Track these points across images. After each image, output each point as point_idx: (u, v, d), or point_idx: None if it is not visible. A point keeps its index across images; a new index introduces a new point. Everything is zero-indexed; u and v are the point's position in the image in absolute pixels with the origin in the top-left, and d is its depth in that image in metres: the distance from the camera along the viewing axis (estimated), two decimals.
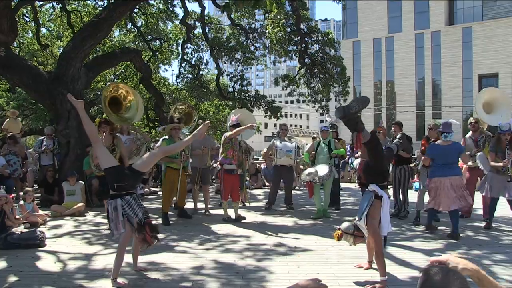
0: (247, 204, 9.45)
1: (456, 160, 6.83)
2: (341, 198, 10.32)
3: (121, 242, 4.45)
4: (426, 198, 8.13)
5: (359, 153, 9.54)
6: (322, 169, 8.31)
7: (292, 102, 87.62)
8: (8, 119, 13.19)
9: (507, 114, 7.85)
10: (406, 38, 49.96)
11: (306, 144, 18.46)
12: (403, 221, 7.85)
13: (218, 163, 8.25)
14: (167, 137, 8.07)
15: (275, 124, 63.81)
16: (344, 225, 4.74)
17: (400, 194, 8.27)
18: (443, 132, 6.74)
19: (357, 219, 4.71)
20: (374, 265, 4.88)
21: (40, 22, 16.67)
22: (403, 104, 47.00)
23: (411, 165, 8.39)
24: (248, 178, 11.26)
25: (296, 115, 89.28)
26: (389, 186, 5.63)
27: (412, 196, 8.77)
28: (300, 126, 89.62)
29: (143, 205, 4.68)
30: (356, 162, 13.85)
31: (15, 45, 17.11)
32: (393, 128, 8.41)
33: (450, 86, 46.86)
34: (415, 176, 11.96)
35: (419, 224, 7.58)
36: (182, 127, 8.29)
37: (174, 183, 7.77)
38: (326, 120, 10.12)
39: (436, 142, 6.96)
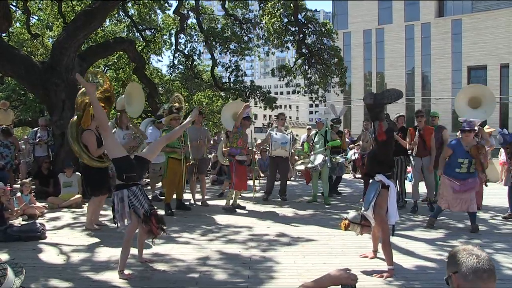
0: (257, 195, 9.41)
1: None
2: (339, 189, 10.45)
3: (128, 234, 4.40)
4: (421, 188, 8.29)
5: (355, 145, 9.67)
6: (317, 159, 8.67)
7: (282, 93, 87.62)
8: None
9: (490, 111, 7.83)
10: (396, 30, 50.14)
11: (297, 135, 18.51)
12: (402, 211, 7.86)
13: (226, 153, 8.22)
14: (165, 128, 7.99)
15: (265, 115, 63.79)
16: (351, 215, 4.74)
17: (397, 185, 8.31)
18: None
19: (363, 209, 4.72)
20: (379, 255, 4.92)
21: (30, 11, 16.34)
22: None
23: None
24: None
25: (286, 106, 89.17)
26: None
27: (408, 186, 8.81)
28: (290, 117, 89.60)
29: (148, 196, 4.63)
30: (350, 153, 13.97)
31: (4, 35, 16.79)
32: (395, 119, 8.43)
33: (440, 77, 47.21)
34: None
35: (416, 213, 7.77)
36: (181, 117, 8.21)
37: (176, 174, 7.71)
38: (336, 114, 10.13)
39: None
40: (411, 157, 8.30)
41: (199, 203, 8.67)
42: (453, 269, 1.81)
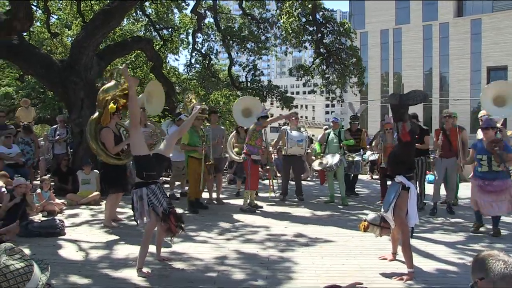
0: (273, 194, 9.41)
1: None
2: (356, 190, 10.38)
3: (146, 232, 4.41)
4: (442, 190, 8.16)
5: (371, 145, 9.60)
6: (333, 158, 8.66)
7: (298, 93, 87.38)
8: (20, 108, 13.20)
9: None
10: (414, 30, 49.53)
11: (313, 135, 18.40)
12: (421, 213, 7.70)
13: (244, 152, 8.19)
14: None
15: (280, 115, 63.62)
16: (370, 216, 4.68)
17: (417, 186, 8.21)
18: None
19: (383, 210, 4.66)
20: (398, 257, 4.86)
21: (50, 10, 16.55)
22: None
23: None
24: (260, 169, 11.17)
25: (302, 106, 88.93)
26: None
27: (428, 188, 8.69)
28: (306, 117, 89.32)
29: (167, 194, 4.63)
30: (368, 153, 13.82)
31: (25, 34, 17.03)
32: None
33: (458, 78, 46.51)
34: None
35: (435, 215, 7.66)
36: (204, 116, 8.22)
37: (196, 172, 7.72)
38: (354, 111, 10.02)
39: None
40: (436, 158, 8.20)
41: (215, 202, 8.69)
42: (479, 275, 1.76)
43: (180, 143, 8.07)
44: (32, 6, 16.50)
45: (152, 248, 4.69)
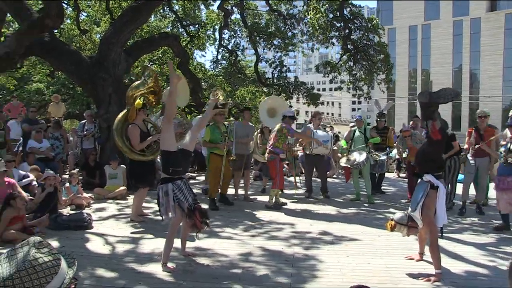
0: (300, 191, 9.39)
1: None
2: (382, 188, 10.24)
3: (171, 227, 4.43)
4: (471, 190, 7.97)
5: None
6: (360, 156, 8.59)
7: (324, 90, 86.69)
8: (51, 103, 13.57)
9: None
10: (444, 26, 48.46)
11: (339, 132, 18.22)
12: (449, 213, 7.52)
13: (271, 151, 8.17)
14: (210, 123, 8.05)
15: (306, 112, 63.35)
16: (398, 215, 4.59)
17: (449, 184, 8.05)
18: None
19: (410, 209, 4.56)
20: (425, 257, 4.75)
21: (79, 8, 16.85)
22: None
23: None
24: (286, 166, 11.11)
25: (328, 103, 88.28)
26: None
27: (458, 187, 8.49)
28: (332, 114, 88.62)
29: (193, 190, 4.65)
30: (395, 151, 13.60)
31: (56, 31, 17.40)
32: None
33: (490, 75, 45.32)
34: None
35: (464, 215, 7.47)
36: (225, 112, 8.23)
37: (218, 169, 7.75)
38: (380, 108, 9.87)
39: None
40: (468, 157, 8.01)
41: (235, 198, 8.71)
42: None
43: (202, 139, 8.10)
44: (64, 4, 16.93)
45: (177, 243, 4.72)
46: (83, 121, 11.27)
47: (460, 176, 11.49)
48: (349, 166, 8.74)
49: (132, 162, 6.83)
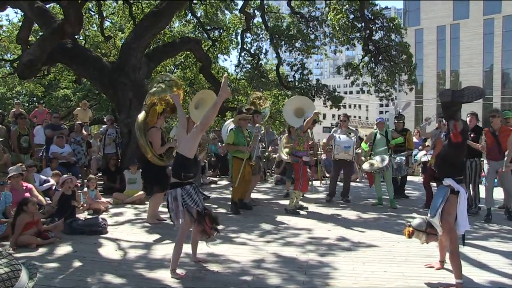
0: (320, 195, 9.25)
1: None
2: (405, 191, 9.93)
3: (180, 233, 4.36)
4: (495, 194, 7.58)
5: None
6: (382, 161, 8.38)
7: (351, 92, 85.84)
8: (78, 109, 13.89)
9: None
10: (474, 25, 47.25)
11: (365, 135, 17.87)
12: (475, 219, 7.26)
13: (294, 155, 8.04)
14: (233, 127, 8.01)
15: (333, 115, 62.76)
16: (416, 222, 4.38)
17: (471, 189, 7.71)
18: None
19: (429, 215, 4.34)
20: (446, 265, 4.52)
21: (104, 15, 17.14)
22: None
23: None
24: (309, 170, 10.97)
25: (355, 106, 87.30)
26: None
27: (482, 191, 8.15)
28: (359, 117, 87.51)
29: (203, 195, 4.56)
30: (420, 154, 13.23)
31: (81, 38, 17.76)
32: (468, 119, 7.68)
33: None
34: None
35: (491, 222, 7.08)
36: (250, 117, 8.14)
37: (241, 173, 7.68)
38: (396, 109, 9.61)
39: None
40: (485, 160, 7.66)
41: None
42: None
43: (225, 142, 8.07)
44: (91, 12, 17.28)
45: (189, 249, 4.64)
46: (105, 126, 11.39)
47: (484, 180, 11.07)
48: (372, 172, 8.53)
49: (147, 165, 6.87)
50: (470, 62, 47.08)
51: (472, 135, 7.38)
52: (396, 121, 9.60)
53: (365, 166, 8.70)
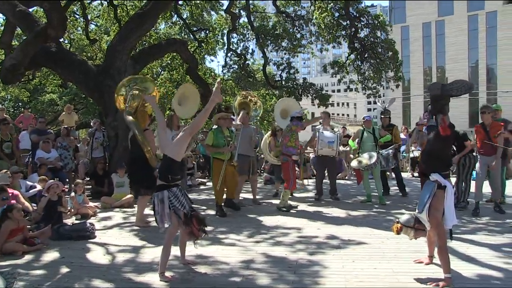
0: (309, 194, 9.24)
1: None
2: (392, 188, 9.97)
3: (168, 236, 4.33)
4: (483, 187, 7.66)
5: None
6: (370, 158, 8.39)
7: (339, 91, 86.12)
8: (63, 113, 13.75)
9: None
10: (458, 21, 47.74)
11: (353, 133, 17.93)
12: (463, 213, 7.32)
13: (284, 154, 8.02)
14: (214, 127, 7.95)
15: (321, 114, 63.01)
16: (404, 218, 4.39)
17: (463, 183, 7.80)
18: None
19: (417, 211, 4.35)
20: (435, 260, 4.53)
21: (89, 18, 17.01)
22: None
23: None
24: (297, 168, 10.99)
25: (343, 104, 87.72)
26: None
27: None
28: (347, 115, 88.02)
29: (189, 197, 4.53)
30: (411, 149, 13.33)
31: (66, 41, 17.61)
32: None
33: (508, 69, 44.45)
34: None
35: (478, 215, 7.15)
36: (229, 116, 8.15)
37: (222, 174, 7.64)
38: (379, 103, 9.64)
39: None
40: (479, 156, 7.74)
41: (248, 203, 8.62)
42: None
43: (205, 144, 8.01)
44: (75, 15, 17.13)
45: (177, 252, 4.61)
46: (92, 129, 11.28)
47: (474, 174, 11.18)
48: (360, 169, 8.55)
49: (133, 169, 6.85)
50: (455, 58, 47.57)
51: None
52: (382, 116, 9.66)
53: (354, 163, 8.73)
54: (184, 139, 4.45)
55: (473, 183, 7.89)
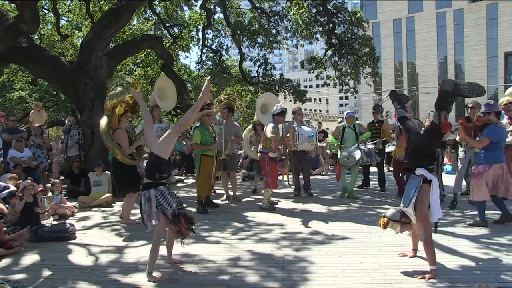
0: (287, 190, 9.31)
1: None
2: (371, 183, 10.11)
3: (156, 235, 4.26)
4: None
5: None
6: (356, 153, 8.44)
7: (311, 86, 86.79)
8: (32, 111, 13.22)
9: None
10: (427, 18, 48.78)
11: (327, 128, 18.09)
12: (441, 206, 7.46)
13: (260, 151, 7.98)
14: (198, 124, 7.89)
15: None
16: (390, 212, 4.44)
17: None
18: (500, 112, 6.32)
19: (402, 205, 4.42)
20: (419, 253, 4.63)
21: (59, 12, 16.56)
22: (425, 85, 45.97)
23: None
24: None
25: (315, 99, 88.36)
26: None
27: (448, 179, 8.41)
28: (320, 111, 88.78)
29: (177, 196, 4.47)
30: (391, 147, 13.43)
31: (36, 37, 17.09)
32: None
33: (474, 65, 45.70)
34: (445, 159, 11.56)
35: (455, 208, 7.35)
36: (213, 112, 8.11)
37: (210, 171, 7.59)
38: (378, 100, 9.65)
39: (496, 124, 6.22)
40: (460, 149, 7.93)
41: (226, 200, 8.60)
42: None
43: (193, 142, 7.95)
44: (44, 10, 16.64)
45: (163, 251, 4.55)
46: (66, 126, 10.99)
47: (448, 168, 11.47)
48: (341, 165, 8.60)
49: (117, 168, 6.73)
50: (425, 54, 48.61)
51: None
52: (373, 111, 9.75)
53: (342, 160, 8.65)
54: (172, 137, 4.40)
55: (450, 177, 8.08)
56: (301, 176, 9.01)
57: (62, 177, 10.47)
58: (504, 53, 43.89)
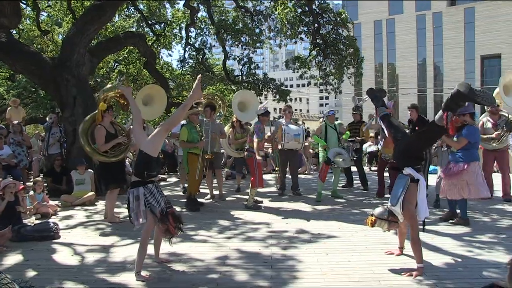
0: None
1: None
2: (354, 182, 10.19)
3: (144, 233, 4.22)
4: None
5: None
6: (344, 152, 8.43)
7: (292, 86, 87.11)
8: (9, 108, 12.89)
9: None
10: (407, 20, 49.49)
11: (308, 127, 18.16)
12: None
13: (247, 150, 7.98)
14: (185, 122, 7.86)
15: (275, 108, 63.43)
16: (378, 210, 4.50)
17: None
18: (474, 113, 6.44)
19: (390, 204, 4.48)
20: (406, 251, 4.71)
21: (39, 7, 16.23)
22: (405, 86, 46.62)
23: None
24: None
25: (296, 99, 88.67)
26: None
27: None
28: (300, 110, 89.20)
29: (164, 194, 4.45)
30: (365, 145, 13.59)
31: (14, 32, 16.72)
32: (409, 112, 8.08)
33: (452, 67, 46.53)
34: None
35: (439, 207, 7.43)
36: (201, 111, 8.08)
37: (197, 169, 7.57)
38: (360, 100, 9.67)
39: (472, 125, 6.29)
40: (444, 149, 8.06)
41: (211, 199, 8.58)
42: None
43: (180, 140, 7.91)
44: (22, 4, 16.26)
45: (151, 250, 4.51)
46: (48, 123, 10.80)
47: (433, 168, 11.62)
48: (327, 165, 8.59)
49: (99, 165, 6.70)
50: (405, 56, 49.29)
51: (416, 127, 7.68)
52: (354, 112, 9.82)
53: (338, 161, 8.57)
54: (161, 135, 4.37)
55: (432, 176, 8.19)
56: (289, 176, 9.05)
57: (41, 176, 10.27)
58: (481, 56, 44.80)
